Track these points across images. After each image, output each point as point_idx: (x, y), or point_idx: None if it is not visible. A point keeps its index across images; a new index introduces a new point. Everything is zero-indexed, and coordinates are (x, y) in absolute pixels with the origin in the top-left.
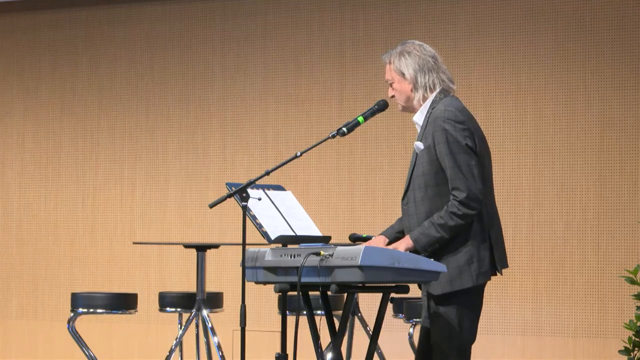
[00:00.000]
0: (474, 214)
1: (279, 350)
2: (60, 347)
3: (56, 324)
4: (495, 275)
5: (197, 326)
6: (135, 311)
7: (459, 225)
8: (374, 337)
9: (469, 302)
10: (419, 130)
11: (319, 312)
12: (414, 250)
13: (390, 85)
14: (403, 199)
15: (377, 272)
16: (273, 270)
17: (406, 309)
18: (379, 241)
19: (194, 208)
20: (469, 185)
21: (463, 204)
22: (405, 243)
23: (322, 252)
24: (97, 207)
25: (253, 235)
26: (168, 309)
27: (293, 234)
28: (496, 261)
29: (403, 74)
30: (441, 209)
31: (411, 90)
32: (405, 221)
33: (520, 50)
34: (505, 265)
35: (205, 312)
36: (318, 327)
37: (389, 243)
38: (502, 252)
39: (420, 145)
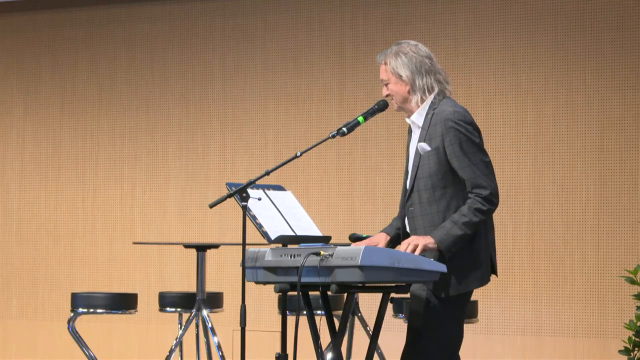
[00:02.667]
0: (495, 209)
1: (279, 350)
2: (60, 347)
3: (56, 324)
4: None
5: (197, 326)
6: (135, 311)
7: (482, 221)
8: (374, 337)
9: (466, 304)
10: (416, 130)
11: (319, 312)
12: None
13: (386, 85)
14: (407, 200)
15: (377, 272)
16: (273, 270)
17: (406, 309)
18: (380, 238)
19: (194, 208)
20: (490, 181)
21: (487, 200)
22: (431, 245)
23: (322, 252)
24: (97, 207)
25: (253, 235)
26: (168, 309)
27: (293, 234)
28: (494, 263)
29: (400, 76)
30: (447, 210)
31: (408, 92)
32: (410, 223)
33: (520, 50)
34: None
35: (205, 312)
36: (318, 327)
37: (391, 239)
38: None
39: (426, 146)
